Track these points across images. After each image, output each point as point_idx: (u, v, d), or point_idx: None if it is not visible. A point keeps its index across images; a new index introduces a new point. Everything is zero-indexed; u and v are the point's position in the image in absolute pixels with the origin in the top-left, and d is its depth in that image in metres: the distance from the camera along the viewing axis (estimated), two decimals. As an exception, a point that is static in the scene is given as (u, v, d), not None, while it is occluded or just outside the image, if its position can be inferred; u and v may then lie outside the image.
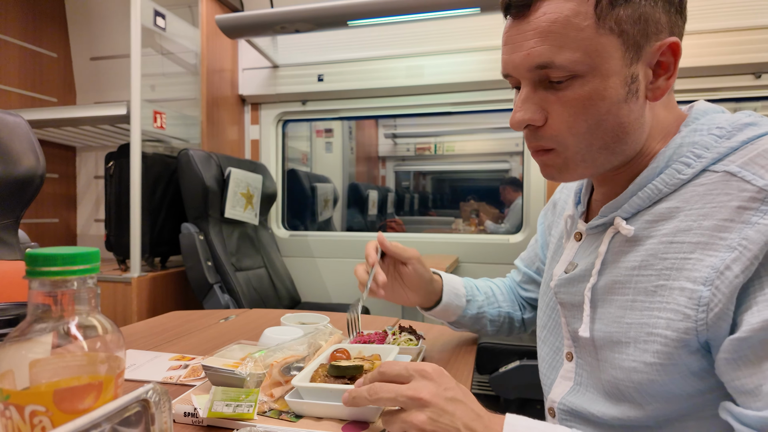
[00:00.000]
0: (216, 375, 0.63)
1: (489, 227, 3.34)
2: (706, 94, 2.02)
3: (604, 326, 0.56)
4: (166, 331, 1.03)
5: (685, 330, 0.48)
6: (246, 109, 2.52)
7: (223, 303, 1.84)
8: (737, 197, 0.46)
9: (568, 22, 0.49)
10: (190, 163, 1.88)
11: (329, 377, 0.62)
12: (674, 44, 0.51)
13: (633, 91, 0.51)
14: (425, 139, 4.83)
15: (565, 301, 0.63)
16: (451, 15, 1.84)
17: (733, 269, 0.45)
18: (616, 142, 0.53)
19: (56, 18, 2.44)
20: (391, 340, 0.85)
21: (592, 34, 0.49)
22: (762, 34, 1.88)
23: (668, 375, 0.50)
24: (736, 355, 0.45)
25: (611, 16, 0.49)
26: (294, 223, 2.76)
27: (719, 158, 0.50)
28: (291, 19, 1.91)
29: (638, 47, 0.50)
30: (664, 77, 0.52)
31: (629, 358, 0.52)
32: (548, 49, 0.50)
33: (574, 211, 0.67)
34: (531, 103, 0.54)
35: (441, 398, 0.48)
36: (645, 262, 0.52)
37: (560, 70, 0.50)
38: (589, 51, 0.49)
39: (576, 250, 0.64)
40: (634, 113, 0.52)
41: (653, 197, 0.53)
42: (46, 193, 2.40)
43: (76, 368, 0.34)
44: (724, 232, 0.46)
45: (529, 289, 0.92)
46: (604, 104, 0.51)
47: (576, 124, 0.52)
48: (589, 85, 0.50)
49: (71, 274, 0.34)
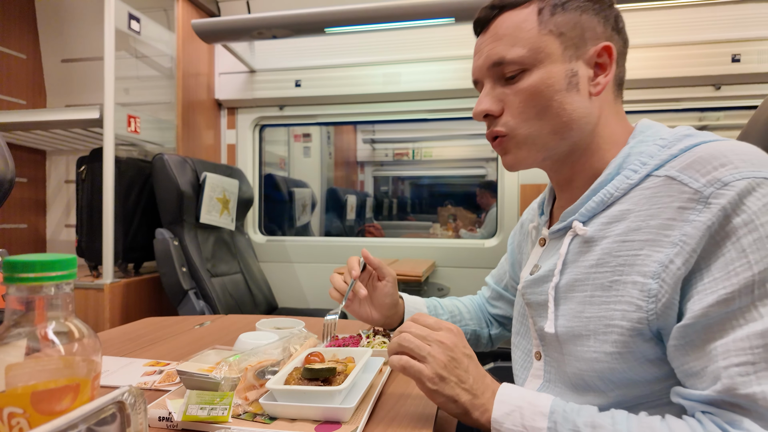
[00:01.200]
0: (191, 379, 0.64)
1: (464, 236, 3.38)
2: (669, 104, 2.11)
3: (567, 321, 0.60)
4: (140, 337, 1.03)
5: (638, 320, 0.53)
6: (222, 113, 2.51)
7: (198, 309, 1.82)
8: (678, 198, 0.52)
9: (516, 26, 0.61)
10: (165, 167, 1.87)
11: (303, 380, 0.63)
12: (607, 47, 0.61)
13: (573, 84, 0.61)
14: (403, 145, 4.87)
15: (531, 301, 0.68)
16: (426, 24, 1.88)
17: (675, 262, 0.50)
18: (563, 127, 0.61)
19: (25, 18, 2.39)
20: (365, 343, 0.87)
21: (535, 35, 0.60)
22: (721, 47, 1.98)
23: (626, 363, 0.54)
24: (683, 341, 0.50)
25: (551, 21, 0.60)
26: (271, 228, 2.75)
27: (661, 164, 0.56)
28: (268, 25, 1.92)
29: (576, 47, 0.61)
30: (603, 75, 0.62)
31: (590, 350, 0.57)
32: (501, 48, 0.62)
33: (538, 221, 0.74)
34: (490, 96, 0.64)
35: (460, 351, 0.60)
36: (601, 260, 0.57)
37: (512, 65, 0.61)
38: (534, 48, 0.60)
39: (540, 254, 0.69)
40: (576, 102, 0.61)
41: (606, 201, 0.59)
42: (14, 198, 2.34)
43: (53, 371, 0.35)
44: (668, 230, 0.52)
45: (497, 305, 0.96)
46: (548, 91, 0.60)
47: (527, 110, 0.62)
48: (535, 76, 0.61)
49: (49, 280, 0.35)
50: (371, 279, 0.90)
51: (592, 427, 0.50)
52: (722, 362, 0.46)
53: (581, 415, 0.51)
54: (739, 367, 0.45)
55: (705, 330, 0.48)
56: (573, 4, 0.60)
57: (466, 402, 0.57)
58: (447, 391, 0.57)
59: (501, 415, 0.54)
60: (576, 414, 0.51)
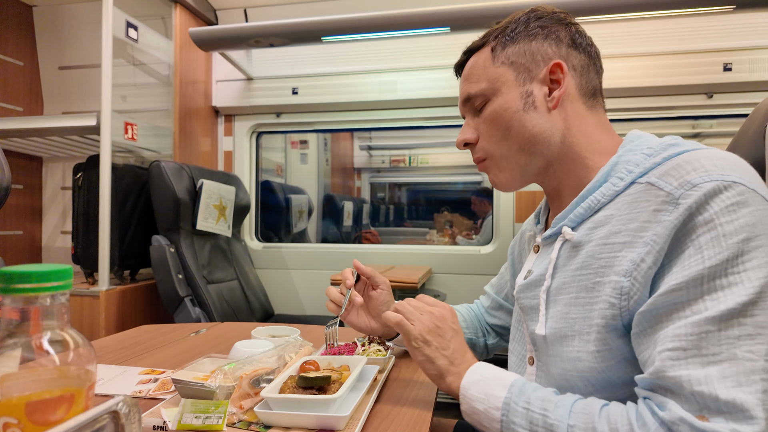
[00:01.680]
0: (186, 388, 0.64)
1: (461, 243, 3.39)
2: (663, 112, 2.14)
3: (554, 323, 0.62)
4: (135, 345, 1.03)
5: (612, 316, 0.55)
6: (219, 120, 2.52)
7: (194, 316, 1.82)
8: (654, 202, 0.54)
9: (477, 65, 0.71)
10: (162, 174, 1.87)
11: (298, 388, 0.64)
12: (558, 63, 0.66)
13: (530, 103, 0.66)
14: (400, 152, 4.89)
15: (524, 305, 0.70)
16: (422, 33, 1.90)
17: (646, 261, 0.53)
18: (528, 144, 0.67)
19: (23, 26, 2.40)
20: (360, 351, 0.88)
21: (491, 69, 0.69)
22: (712, 57, 2.01)
23: (605, 362, 0.56)
24: (639, 328, 0.53)
25: (503, 54, 0.68)
26: (268, 235, 2.75)
27: (645, 172, 0.58)
28: (265, 34, 1.93)
29: (528, 71, 0.67)
30: (557, 90, 0.66)
31: (574, 350, 0.59)
32: (468, 86, 0.71)
33: (534, 229, 0.77)
34: (467, 127, 0.73)
35: (448, 325, 0.69)
36: (585, 262, 0.60)
37: (477, 98, 0.70)
38: (491, 79, 0.68)
39: (534, 260, 0.72)
40: (535, 120, 0.66)
41: (594, 207, 0.62)
42: (10, 205, 2.33)
43: (47, 381, 0.35)
44: (642, 231, 0.54)
45: (496, 315, 0.96)
46: (507, 114, 0.67)
47: (493, 134, 0.69)
48: (495, 103, 0.68)
49: (44, 290, 0.35)
50: (366, 288, 0.93)
51: (542, 400, 0.55)
52: (659, 347, 0.48)
53: (536, 391, 0.57)
54: (671, 352, 0.47)
55: (655, 318, 0.51)
56: (520, 36, 0.67)
57: (442, 366, 0.65)
58: (427, 352, 0.66)
59: (468, 383, 0.61)
60: (532, 390, 0.57)
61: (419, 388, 0.78)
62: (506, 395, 0.57)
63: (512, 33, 0.68)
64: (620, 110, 2.13)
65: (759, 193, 0.50)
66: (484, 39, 0.71)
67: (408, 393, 0.76)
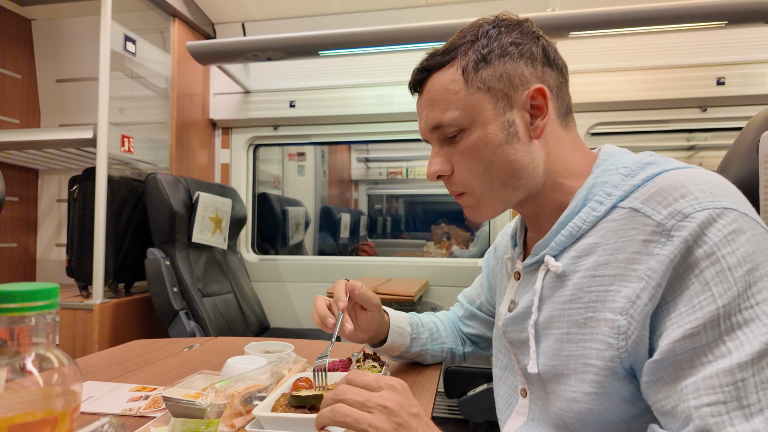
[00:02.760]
0: (176, 406, 0.63)
1: (456, 252, 3.39)
2: (658, 126, 2.15)
3: (547, 360, 0.59)
4: (127, 360, 1.01)
5: (611, 358, 0.52)
6: (217, 133, 2.53)
7: (189, 330, 1.80)
8: (642, 231, 0.51)
9: (446, 89, 0.61)
10: (158, 186, 1.87)
11: (290, 407, 0.63)
12: (539, 89, 0.60)
13: (513, 134, 0.60)
14: (397, 164, 4.90)
15: (513, 339, 0.67)
16: (418, 48, 1.91)
17: (642, 298, 0.49)
18: (512, 178, 0.61)
19: (21, 39, 2.41)
20: (355, 368, 0.86)
21: (464, 95, 0.60)
22: (706, 71, 2.03)
23: (603, 404, 0.53)
24: (654, 377, 0.49)
25: (476, 78, 0.60)
26: (264, 247, 2.74)
27: (625, 195, 0.56)
28: (263, 48, 1.95)
29: (508, 98, 0.60)
30: (540, 117, 0.61)
31: (571, 389, 0.56)
32: (436, 113, 0.62)
33: (512, 253, 0.72)
34: (438, 157, 0.65)
35: (406, 412, 0.51)
36: (574, 295, 0.57)
37: (450, 127, 0.61)
38: (466, 108, 0.60)
39: (516, 289, 0.68)
40: (519, 152, 0.60)
41: (575, 234, 0.59)
42: (4, 217, 2.32)
43: (31, 403, 0.34)
44: (634, 264, 0.51)
45: (470, 324, 0.96)
46: (489, 148, 0.60)
47: (473, 168, 0.62)
48: (474, 135, 0.61)
49: (30, 310, 0.34)
50: (355, 307, 0.88)
51: None
52: (693, 401, 0.44)
53: None
54: (710, 407, 0.44)
55: (673, 366, 0.47)
56: (494, 55, 0.60)
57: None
58: None
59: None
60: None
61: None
62: None
63: (484, 51, 0.60)
64: (615, 123, 2.15)
65: (751, 216, 0.49)
66: (447, 55, 0.62)
67: (403, 410, 0.75)
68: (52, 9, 2.38)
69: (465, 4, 2.16)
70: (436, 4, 2.19)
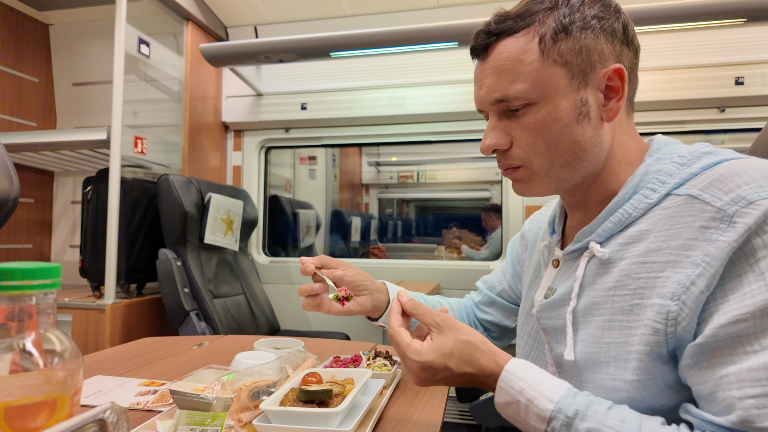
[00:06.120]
0: (183, 399, 0.62)
1: (465, 251, 3.37)
2: (674, 127, 2.11)
3: (585, 347, 0.57)
4: (137, 357, 1.01)
5: (657, 343, 0.50)
6: (229, 135, 2.54)
7: (200, 330, 1.80)
8: (699, 218, 0.49)
9: (517, 59, 0.56)
10: (170, 188, 1.88)
11: (299, 402, 0.61)
12: (618, 69, 0.56)
13: (584, 113, 0.57)
14: (408, 167, 4.89)
15: (548, 326, 0.64)
16: (430, 48, 1.90)
17: (698, 284, 0.47)
18: (576, 159, 0.58)
19: (39, 43, 2.45)
20: (365, 365, 0.85)
21: (538, 67, 0.56)
22: (725, 70, 1.99)
23: (647, 391, 0.51)
24: (692, 360, 0.48)
25: (554, 49, 0.55)
26: (275, 249, 2.74)
27: (681, 183, 0.54)
28: (275, 50, 1.95)
29: (584, 74, 0.56)
30: (615, 99, 0.57)
31: (610, 377, 0.53)
32: (503, 84, 0.57)
33: (549, 240, 0.70)
34: (497, 130, 0.60)
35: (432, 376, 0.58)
36: (619, 282, 0.54)
37: (516, 101, 0.57)
38: (538, 81, 0.56)
39: (554, 276, 0.66)
40: (588, 133, 0.57)
41: (624, 221, 0.57)
42: (20, 218, 2.35)
43: (29, 385, 0.33)
44: (689, 250, 0.49)
45: (488, 311, 0.93)
46: (557, 125, 0.57)
47: (536, 144, 0.58)
48: (542, 111, 0.57)
49: (30, 288, 0.33)
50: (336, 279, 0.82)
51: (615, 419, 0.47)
52: (736, 392, 0.44)
53: (586, 418, 0.48)
54: (755, 399, 0.43)
55: (713, 351, 0.46)
56: (576, 27, 0.55)
57: (466, 384, 0.58)
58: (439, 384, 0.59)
59: (502, 404, 0.54)
60: (580, 419, 0.48)
61: (426, 404, 0.75)
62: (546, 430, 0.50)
63: (566, 21, 0.55)
64: (631, 124, 2.11)
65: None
66: (522, 21, 0.57)
67: (413, 410, 0.73)
68: (69, 14, 2.42)
69: (476, 5, 2.15)
70: (448, 5, 2.18)
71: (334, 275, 0.80)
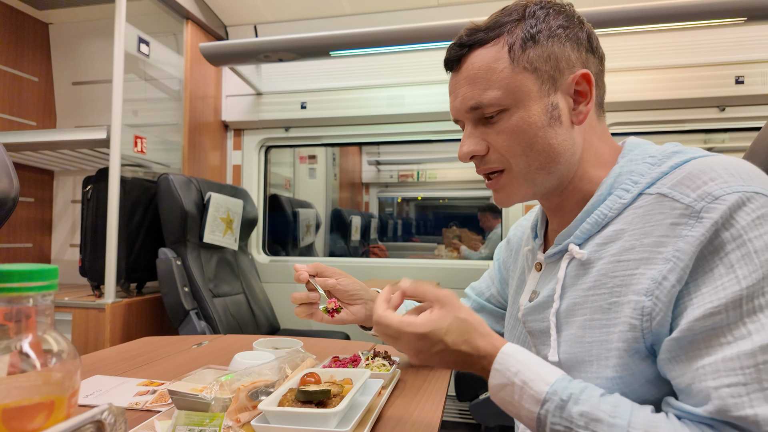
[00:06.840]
0: (181, 399, 0.62)
1: (464, 252, 3.37)
2: (674, 126, 2.11)
3: (569, 348, 0.58)
4: (136, 356, 1.01)
5: (634, 339, 0.51)
6: (229, 134, 2.54)
7: (200, 330, 1.80)
8: (670, 215, 0.51)
9: (489, 67, 0.59)
10: (170, 187, 1.88)
11: (297, 402, 0.61)
12: (585, 74, 0.59)
13: (555, 117, 0.59)
14: (408, 167, 4.90)
15: (533, 329, 0.66)
16: (429, 47, 1.90)
17: (669, 279, 0.49)
18: (550, 162, 0.60)
19: (39, 42, 2.45)
20: (364, 365, 0.85)
21: (509, 74, 0.58)
22: (725, 69, 1.99)
23: (628, 387, 0.52)
24: (670, 355, 0.49)
25: (523, 57, 0.58)
26: (275, 249, 2.74)
27: (652, 182, 0.55)
28: (274, 49, 1.95)
29: (553, 80, 0.59)
30: (584, 103, 0.60)
31: (593, 376, 0.55)
32: (477, 92, 0.60)
33: (533, 244, 0.72)
34: (473, 137, 0.63)
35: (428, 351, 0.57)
36: (598, 281, 0.56)
37: (490, 107, 0.59)
38: (510, 88, 0.58)
39: (538, 280, 0.68)
40: (560, 136, 0.60)
41: (600, 222, 0.58)
42: (20, 217, 2.35)
43: (27, 387, 0.33)
44: (661, 246, 0.51)
45: None
46: (531, 129, 0.59)
47: (512, 147, 0.60)
48: (516, 116, 0.59)
49: (28, 290, 0.34)
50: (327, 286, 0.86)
51: (587, 418, 0.48)
52: (712, 382, 0.45)
53: (579, 402, 0.49)
54: (730, 388, 0.44)
55: (690, 345, 0.47)
56: (542, 35, 0.58)
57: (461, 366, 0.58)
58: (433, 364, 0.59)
59: (496, 386, 0.54)
60: (573, 402, 0.49)
61: (424, 404, 0.75)
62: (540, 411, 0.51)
63: (533, 30, 0.58)
64: (630, 124, 2.11)
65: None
66: (491, 32, 0.60)
67: (412, 410, 0.73)
68: (68, 13, 2.42)
69: (476, 4, 2.15)
70: (448, 5, 2.18)
71: (327, 284, 0.83)
